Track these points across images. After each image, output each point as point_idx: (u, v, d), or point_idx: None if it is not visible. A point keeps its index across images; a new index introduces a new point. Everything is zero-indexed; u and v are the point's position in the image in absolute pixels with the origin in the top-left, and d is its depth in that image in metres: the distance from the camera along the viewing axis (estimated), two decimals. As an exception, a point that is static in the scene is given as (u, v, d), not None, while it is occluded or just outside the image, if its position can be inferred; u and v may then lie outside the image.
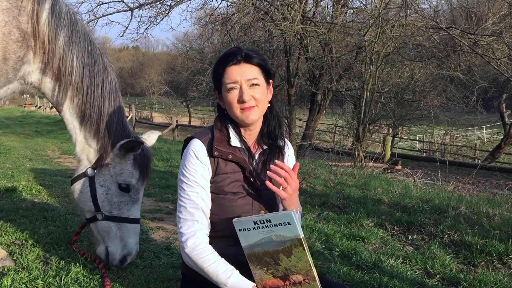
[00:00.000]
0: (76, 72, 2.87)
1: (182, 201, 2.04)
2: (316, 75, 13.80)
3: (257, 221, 1.83)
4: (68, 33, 2.85)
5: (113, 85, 3.01)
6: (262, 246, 1.86)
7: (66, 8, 2.91)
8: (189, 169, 2.03)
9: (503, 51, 12.27)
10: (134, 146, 2.88)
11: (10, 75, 2.81)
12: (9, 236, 3.55)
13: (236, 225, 1.89)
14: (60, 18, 2.83)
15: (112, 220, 2.92)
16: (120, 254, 2.92)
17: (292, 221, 1.78)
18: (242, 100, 1.98)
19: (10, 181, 5.84)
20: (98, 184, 2.92)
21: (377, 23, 11.03)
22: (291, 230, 1.79)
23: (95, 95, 2.91)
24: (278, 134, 2.17)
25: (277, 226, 1.81)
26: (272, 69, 2.14)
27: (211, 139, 2.06)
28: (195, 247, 1.96)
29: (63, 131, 15.14)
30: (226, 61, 2.01)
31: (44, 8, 2.79)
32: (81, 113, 2.95)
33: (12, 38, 2.71)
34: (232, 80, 1.99)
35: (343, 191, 5.93)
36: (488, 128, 28.62)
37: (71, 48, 2.85)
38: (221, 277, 1.90)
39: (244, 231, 1.87)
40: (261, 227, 1.83)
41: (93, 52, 2.95)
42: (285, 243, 1.81)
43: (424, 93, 14.90)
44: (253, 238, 1.86)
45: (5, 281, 2.63)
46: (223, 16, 14.18)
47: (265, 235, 1.83)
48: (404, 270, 3.27)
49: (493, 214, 4.71)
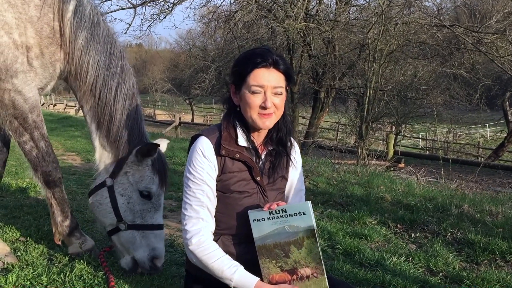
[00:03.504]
0: (90, 75, 2.86)
1: (187, 198, 2.04)
2: (319, 73, 13.79)
3: (272, 211, 1.90)
4: (88, 35, 2.85)
5: (130, 89, 2.96)
6: (274, 238, 1.90)
7: (90, 9, 2.92)
8: (195, 166, 2.03)
9: (507, 49, 12.23)
10: (150, 150, 2.81)
11: (50, 70, 2.89)
12: (13, 233, 3.57)
13: (250, 215, 1.94)
14: (81, 20, 2.84)
15: (136, 229, 2.84)
16: (148, 258, 2.83)
17: (308, 211, 1.85)
18: (265, 106, 1.98)
19: (14, 178, 5.86)
20: (118, 194, 2.86)
21: (381, 20, 11.01)
22: (305, 221, 1.86)
23: (107, 99, 2.88)
24: (288, 141, 2.17)
25: (292, 216, 1.88)
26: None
27: (218, 138, 2.06)
28: (200, 244, 1.97)
29: (66, 128, 15.19)
30: (256, 62, 1.98)
31: (68, 8, 2.82)
32: (96, 117, 2.92)
33: (44, 34, 2.79)
34: (259, 84, 1.98)
35: (346, 189, 5.93)
36: (492, 126, 28.54)
37: (88, 50, 2.85)
38: (226, 273, 1.92)
39: (258, 221, 1.92)
40: (275, 217, 1.90)
41: (112, 55, 2.92)
42: (297, 234, 1.88)
43: (428, 91, 14.86)
44: (266, 229, 1.91)
45: (10, 277, 2.65)
46: (226, 14, 14.19)
47: (279, 225, 1.90)
48: (407, 268, 3.28)
49: (496, 212, 4.71)
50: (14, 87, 2.77)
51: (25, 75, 2.79)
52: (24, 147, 2.89)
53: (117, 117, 2.88)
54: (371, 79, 11.25)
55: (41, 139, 2.91)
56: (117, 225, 2.86)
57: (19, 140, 2.88)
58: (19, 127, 2.85)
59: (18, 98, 2.79)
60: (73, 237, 3.09)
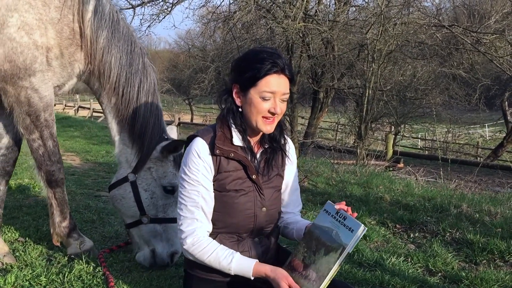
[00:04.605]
0: (113, 73, 2.93)
1: (182, 199, 2.06)
2: (318, 73, 13.78)
3: (339, 212, 1.96)
4: (109, 34, 2.91)
5: (152, 86, 3.04)
6: (321, 232, 1.98)
7: (109, 8, 2.97)
8: (190, 167, 2.04)
9: (506, 49, 12.24)
10: (176, 146, 2.88)
11: (69, 70, 2.94)
12: (12, 233, 3.57)
13: (327, 206, 2.02)
14: (102, 19, 2.89)
15: (158, 222, 2.93)
16: (168, 253, 2.94)
17: (355, 232, 1.87)
18: (274, 112, 2.00)
19: (13, 179, 5.86)
20: (142, 189, 2.93)
21: (379, 21, 11.00)
22: (347, 237, 1.89)
23: (130, 96, 2.95)
24: (281, 138, 2.19)
25: (344, 226, 1.92)
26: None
27: (213, 138, 2.06)
28: (194, 243, 2.00)
29: (65, 128, 15.17)
30: (269, 68, 1.97)
31: (88, 9, 2.87)
32: (118, 114, 2.99)
33: (64, 35, 2.85)
34: (271, 90, 1.98)
35: (345, 189, 5.94)
36: (491, 126, 28.56)
37: (110, 49, 2.91)
38: (223, 264, 1.96)
39: (325, 212, 2.01)
40: (336, 219, 1.96)
41: (133, 52, 2.99)
42: (334, 242, 1.92)
43: (427, 91, 14.85)
44: (324, 222, 1.99)
45: (8, 277, 2.65)
46: (225, 14, 14.17)
47: (331, 226, 1.95)
48: (406, 268, 3.28)
49: (495, 212, 4.71)
50: (31, 85, 2.82)
51: (43, 74, 2.84)
52: (32, 144, 2.95)
53: (141, 113, 2.95)
54: (370, 79, 11.24)
55: (49, 138, 2.95)
56: (140, 218, 2.93)
57: (29, 138, 2.93)
58: (30, 125, 2.90)
59: (34, 96, 2.85)
60: (71, 238, 3.11)
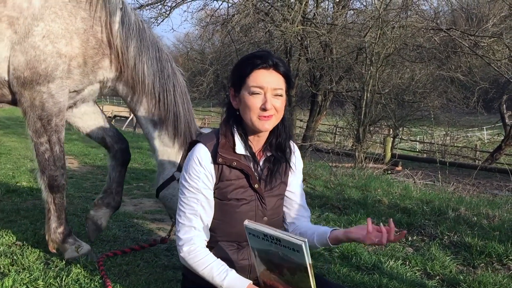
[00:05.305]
0: (147, 80, 3.02)
1: (182, 206, 2.02)
2: (316, 76, 13.80)
3: (267, 235, 1.77)
4: (138, 43, 2.99)
5: (183, 87, 3.15)
6: (268, 255, 1.83)
7: (134, 17, 3.05)
8: (191, 175, 2.00)
9: (504, 53, 12.28)
10: None
11: (90, 77, 3.01)
12: (10, 237, 3.56)
13: (246, 229, 1.84)
14: (130, 29, 2.98)
15: None
16: None
17: (301, 251, 1.70)
18: (264, 108, 1.94)
19: (11, 182, 5.85)
20: None
21: (377, 24, 11.03)
22: (298, 257, 1.72)
23: (168, 100, 3.04)
24: (287, 147, 2.14)
25: (285, 248, 1.74)
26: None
27: (215, 145, 2.02)
28: (190, 252, 1.96)
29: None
30: (256, 63, 1.96)
31: (115, 20, 2.94)
32: (156, 118, 3.09)
33: (90, 45, 2.92)
34: (258, 85, 1.94)
35: (343, 192, 5.94)
36: (489, 129, 28.62)
37: (141, 57, 3.00)
38: (216, 279, 1.90)
39: (254, 236, 1.83)
40: (270, 242, 1.78)
41: (161, 58, 3.08)
42: (291, 263, 1.77)
43: (425, 94, 14.91)
44: (261, 245, 1.83)
45: (6, 281, 2.64)
46: (223, 17, 14.20)
47: (273, 249, 1.79)
48: (404, 271, 3.28)
49: (493, 216, 4.72)
50: (48, 91, 2.87)
51: (62, 81, 2.90)
52: (39, 148, 2.97)
53: (181, 114, 3.06)
54: (368, 82, 11.27)
55: (57, 143, 2.99)
56: None
57: (36, 141, 2.96)
58: (40, 128, 2.93)
59: (49, 101, 2.90)
60: (67, 244, 3.13)
